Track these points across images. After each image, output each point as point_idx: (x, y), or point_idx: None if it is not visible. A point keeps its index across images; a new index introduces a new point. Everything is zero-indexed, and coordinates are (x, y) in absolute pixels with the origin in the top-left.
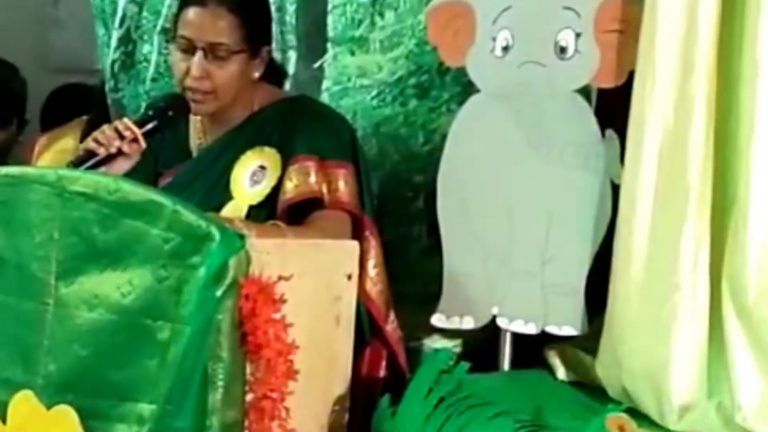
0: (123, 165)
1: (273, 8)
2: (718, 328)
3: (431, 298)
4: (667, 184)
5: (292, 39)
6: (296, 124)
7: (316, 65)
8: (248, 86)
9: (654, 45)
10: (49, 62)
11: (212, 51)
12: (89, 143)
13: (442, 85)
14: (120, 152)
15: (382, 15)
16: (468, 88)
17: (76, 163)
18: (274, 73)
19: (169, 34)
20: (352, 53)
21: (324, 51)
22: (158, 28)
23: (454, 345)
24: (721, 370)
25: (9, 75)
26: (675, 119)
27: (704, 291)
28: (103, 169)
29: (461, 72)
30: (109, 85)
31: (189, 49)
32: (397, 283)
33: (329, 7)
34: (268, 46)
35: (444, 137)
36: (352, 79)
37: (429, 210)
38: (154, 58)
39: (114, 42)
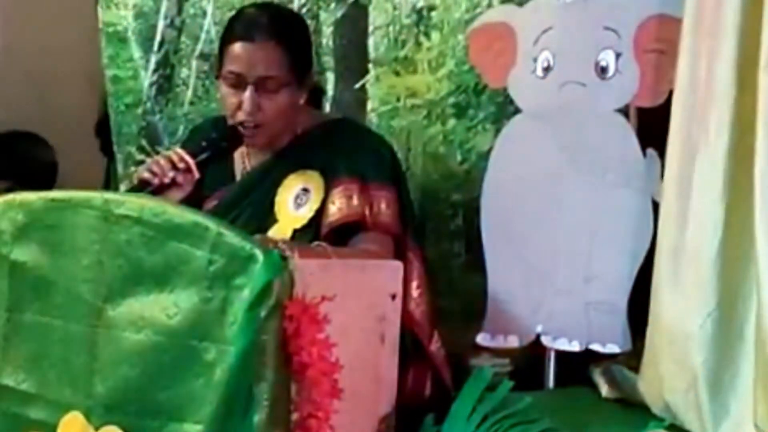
0: (176, 195)
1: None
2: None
3: (472, 315)
4: (704, 202)
5: (329, 60)
6: (338, 147)
7: (358, 86)
8: (294, 112)
9: (692, 65)
10: (100, 88)
11: (263, 85)
12: (144, 173)
13: (479, 104)
14: (174, 182)
15: (428, 36)
16: (503, 108)
17: (131, 192)
18: (314, 94)
19: (213, 62)
20: (397, 74)
21: (364, 72)
22: (197, 52)
23: (503, 364)
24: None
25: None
26: (711, 138)
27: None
28: None
29: (496, 92)
30: (144, 107)
31: (239, 84)
32: (438, 300)
33: (370, 28)
34: (312, 72)
35: (480, 156)
36: (401, 100)
37: (468, 227)
38: (192, 82)
39: (152, 65)
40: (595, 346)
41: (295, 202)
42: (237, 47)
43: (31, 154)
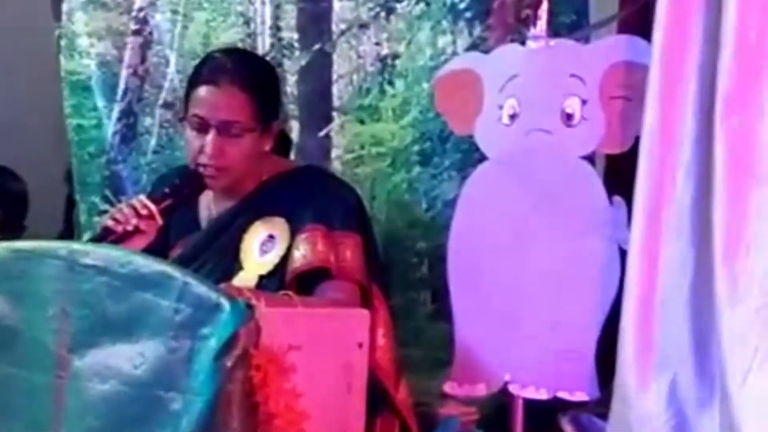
0: (140, 242)
1: None
2: None
3: (438, 363)
4: (674, 248)
5: (293, 109)
6: (304, 193)
7: (322, 134)
8: (258, 158)
9: (659, 110)
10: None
11: (226, 129)
12: (107, 222)
13: (444, 152)
14: (137, 229)
15: (392, 83)
16: (469, 155)
17: (95, 241)
18: (281, 142)
19: (177, 111)
20: (361, 122)
21: (329, 120)
22: (160, 101)
23: (470, 413)
24: None
25: None
26: (678, 184)
27: None
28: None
29: (462, 139)
30: (108, 156)
31: (202, 128)
32: (404, 349)
33: (334, 76)
34: (278, 119)
35: (445, 203)
36: (366, 147)
37: (433, 275)
38: (155, 130)
39: (115, 114)
40: (563, 394)
41: (260, 248)
42: (202, 91)
43: (2, 184)
